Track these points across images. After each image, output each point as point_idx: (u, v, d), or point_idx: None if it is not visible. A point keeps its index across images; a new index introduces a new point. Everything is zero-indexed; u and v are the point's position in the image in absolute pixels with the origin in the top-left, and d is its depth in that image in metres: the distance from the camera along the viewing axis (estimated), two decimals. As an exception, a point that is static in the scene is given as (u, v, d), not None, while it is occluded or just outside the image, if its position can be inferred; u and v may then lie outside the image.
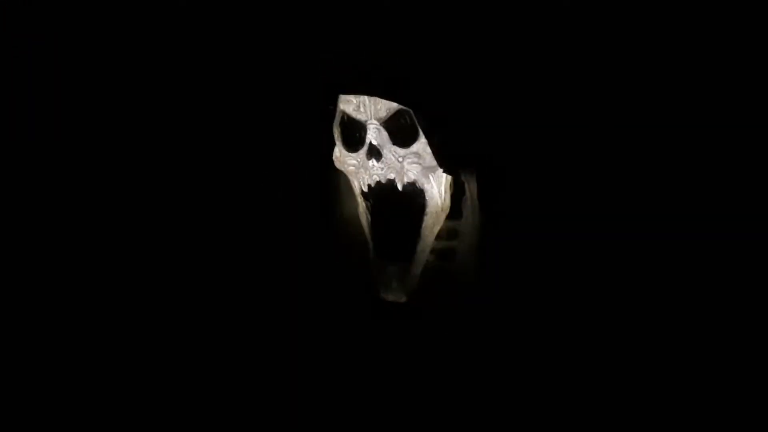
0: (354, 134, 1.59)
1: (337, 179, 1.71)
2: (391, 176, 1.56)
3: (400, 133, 1.55)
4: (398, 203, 1.62)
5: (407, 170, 1.56)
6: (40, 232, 1.53)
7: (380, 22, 1.51)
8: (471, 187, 1.59)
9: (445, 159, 1.53)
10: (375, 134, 1.54)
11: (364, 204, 1.67)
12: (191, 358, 1.60)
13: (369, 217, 1.67)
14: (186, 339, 1.61)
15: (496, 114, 1.51)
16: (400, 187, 1.57)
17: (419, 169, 1.56)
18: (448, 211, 1.62)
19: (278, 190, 1.70)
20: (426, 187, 1.59)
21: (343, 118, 1.60)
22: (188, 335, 1.61)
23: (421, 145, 1.54)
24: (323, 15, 1.54)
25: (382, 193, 1.60)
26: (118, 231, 1.58)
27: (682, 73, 1.47)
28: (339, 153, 1.64)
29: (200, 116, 1.71)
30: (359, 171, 1.60)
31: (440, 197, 1.61)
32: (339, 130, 1.62)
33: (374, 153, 1.54)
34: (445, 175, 1.58)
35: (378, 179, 1.57)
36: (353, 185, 1.67)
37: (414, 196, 1.60)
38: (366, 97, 1.55)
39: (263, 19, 1.63)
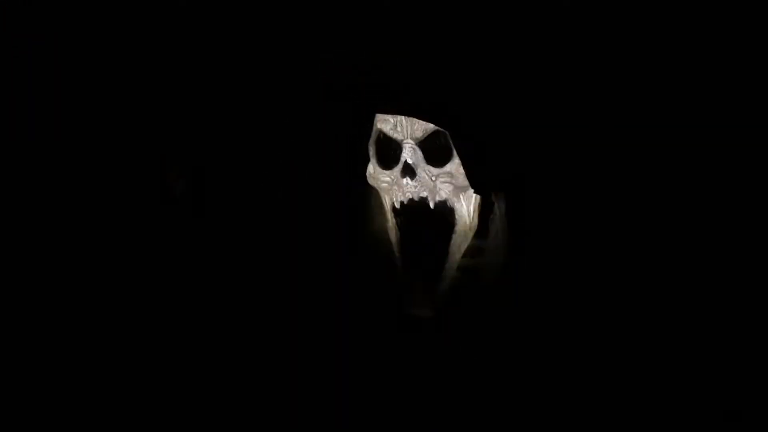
0: (389, 152, 1.65)
1: (369, 195, 1.75)
2: (424, 194, 1.62)
3: (435, 153, 1.60)
4: (429, 221, 1.67)
5: (439, 189, 1.62)
6: (40, 232, 1.52)
7: (420, 46, 1.56)
8: (500, 207, 1.63)
9: (477, 180, 1.58)
10: (410, 153, 1.60)
11: (394, 220, 1.72)
12: (199, 363, 1.61)
13: (398, 233, 1.72)
14: (195, 345, 1.61)
15: (528, 138, 1.56)
16: (432, 206, 1.62)
17: (451, 189, 1.62)
18: (475, 230, 1.67)
19: (311, 203, 1.73)
20: (456, 206, 1.64)
21: (379, 136, 1.66)
22: (196, 341, 1.62)
23: (455, 165, 1.60)
24: (366, 34, 1.59)
25: (414, 211, 1.66)
26: (138, 231, 1.59)
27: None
28: (373, 170, 1.69)
29: (231, 127, 1.75)
30: (392, 188, 1.66)
31: (469, 216, 1.66)
32: (374, 147, 1.68)
33: (409, 171, 1.59)
34: (474, 195, 1.63)
35: (411, 197, 1.62)
36: (384, 201, 1.72)
37: (444, 214, 1.65)
38: (403, 117, 1.60)
39: (302, 33, 1.67)
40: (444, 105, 1.57)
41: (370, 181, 1.71)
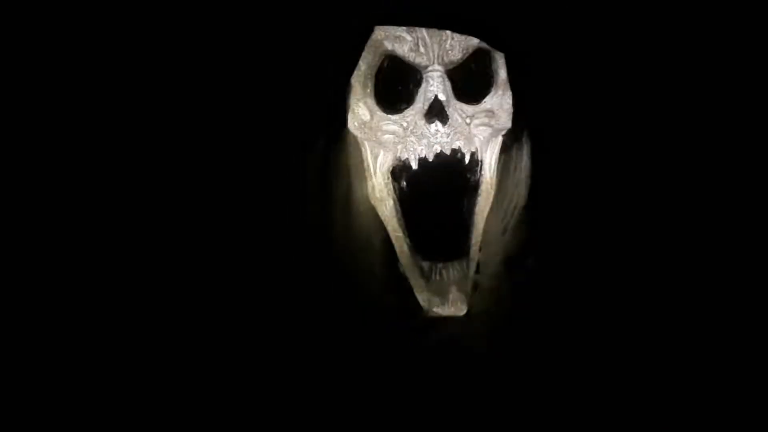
0: (399, 88, 1.09)
1: (342, 158, 1.19)
2: (457, 144, 1.11)
3: (471, 83, 1.10)
4: (450, 182, 1.17)
5: (473, 135, 1.12)
6: (39, 232, 1.28)
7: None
8: (521, 159, 1.21)
9: (520, 117, 1.12)
10: (440, 86, 1.07)
11: (390, 186, 1.18)
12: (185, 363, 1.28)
13: (398, 204, 1.19)
14: (177, 344, 1.28)
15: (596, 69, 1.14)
16: (467, 161, 1.13)
17: (488, 133, 1.14)
18: (495, 189, 1.22)
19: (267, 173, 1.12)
20: (485, 156, 1.17)
21: (383, 64, 1.09)
22: (179, 341, 1.27)
23: (497, 99, 1.12)
24: None
25: (435, 171, 1.14)
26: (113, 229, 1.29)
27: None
28: (369, 116, 1.12)
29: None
30: (406, 140, 1.11)
31: (491, 170, 1.20)
32: (372, 82, 1.10)
33: (439, 113, 1.07)
34: (498, 141, 1.18)
35: (439, 149, 1.10)
36: (373, 163, 1.17)
37: (471, 171, 1.17)
38: (425, 32, 1.06)
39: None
40: (494, 12, 1.05)
41: (359, 133, 1.14)
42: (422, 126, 1.10)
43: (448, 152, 1.12)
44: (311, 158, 1.18)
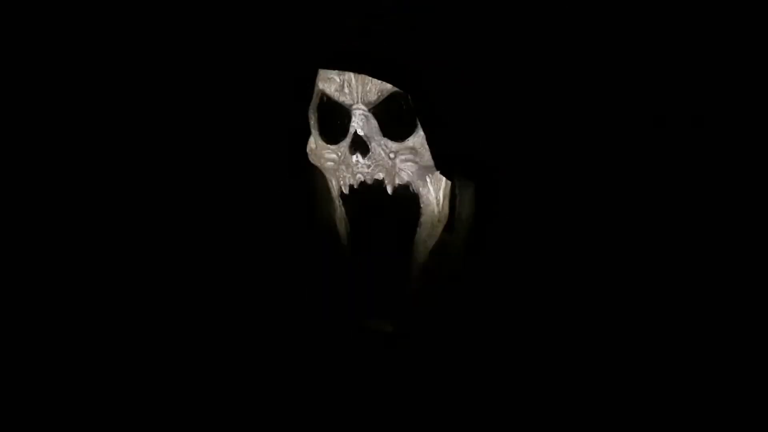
0: (335, 122, 1.27)
1: (312, 177, 1.37)
2: (380, 176, 1.24)
3: (394, 122, 1.23)
4: (386, 210, 1.29)
5: (400, 169, 1.25)
6: (38, 232, 1.41)
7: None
8: (465, 195, 1.28)
9: (445, 159, 1.20)
10: (362, 122, 1.22)
11: (342, 209, 1.33)
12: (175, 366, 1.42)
13: (348, 225, 1.34)
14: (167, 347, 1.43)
15: (513, 109, 1.19)
16: (390, 190, 1.25)
17: (415, 169, 1.25)
18: (445, 222, 1.30)
19: (239, 189, 1.35)
20: (422, 191, 1.27)
21: (322, 100, 1.27)
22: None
23: (419, 139, 1.22)
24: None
25: (368, 197, 1.27)
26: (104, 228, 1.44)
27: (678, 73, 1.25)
28: (315, 145, 1.30)
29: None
30: (339, 168, 1.27)
31: (437, 205, 1.29)
32: (316, 115, 1.28)
33: (360, 146, 1.22)
34: (444, 178, 1.25)
35: (363, 179, 1.24)
36: (331, 185, 1.34)
37: (407, 201, 1.27)
38: (353, 75, 1.21)
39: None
40: (406, 60, 1.16)
41: (312, 159, 1.32)
42: (349, 157, 1.27)
43: (370, 182, 1.26)
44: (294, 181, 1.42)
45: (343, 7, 1.25)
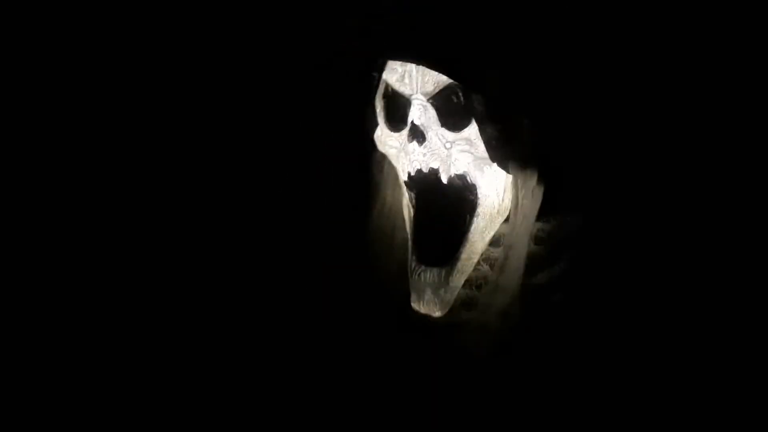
0: (397, 111, 1.32)
1: (381, 163, 1.43)
2: (435, 165, 1.28)
3: (450, 113, 1.26)
4: (444, 198, 1.32)
5: (456, 159, 1.27)
6: (41, 232, 1.48)
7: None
8: (525, 188, 1.29)
9: (498, 153, 1.22)
10: (419, 112, 1.26)
11: (407, 195, 1.39)
12: (197, 359, 1.48)
13: (412, 211, 1.39)
14: (192, 340, 1.48)
15: (567, 105, 1.18)
16: (444, 179, 1.28)
17: (471, 160, 1.27)
18: (505, 215, 1.31)
19: (311, 175, 1.44)
20: (479, 182, 1.29)
21: (386, 90, 1.33)
22: (195, 335, 1.49)
23: (474, 130, 1.24)
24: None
25: (426, 185, 1.32)
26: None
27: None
28: (380, 132, 1.36)
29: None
30: (399, 155, 1.33)
31: (497, 196, 1.30)
32: (382, 104, 1.35)
33: (417, 134, 1.27)
34: (501, 172, 1.27)
35: (419, 167, 1.28)
36: (398, 171, 1.39)
37: (463, 191, 1.31)
38: (413, 66, 1.26)
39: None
40: (461, 50, 1.20)
41: (379, 146, 1.39)
42: (407, 145, 1.33)
43: (426, 170, 1.32)
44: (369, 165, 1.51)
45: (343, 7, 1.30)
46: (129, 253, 1.52)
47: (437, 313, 1.34)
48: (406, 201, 1.41)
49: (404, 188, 1.40)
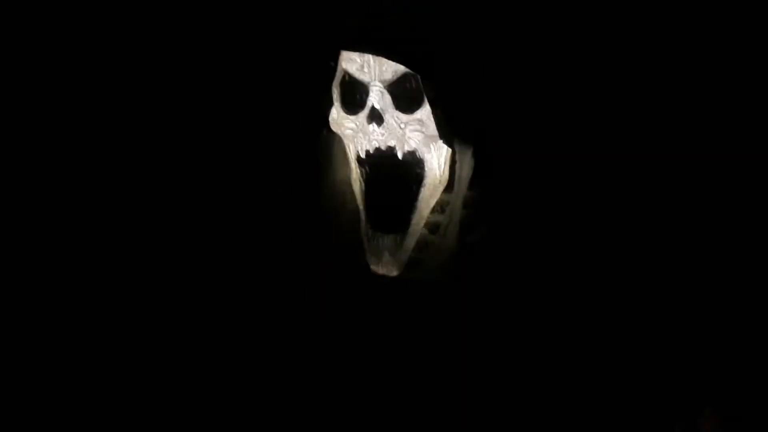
0: (355, 96, 1.50)
1: (332, 142, 1.60)
2: (392, 143, 1.48)
3: (404, 98, 1.46)
4: (396, 172, 1.54)
5: (408, 138, 1.48)
6: (42, 233, 1.50)
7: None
8: (464, 161, 1.51)
9: (446, 130, 1.45)
10: (378, 97, 1.45)
11: (358, 171, 1.58)
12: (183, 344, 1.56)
13: (363, 185, 1.59)
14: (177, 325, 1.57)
15: (505, 89, 1.43)
16: (400, 155, 1.49)
17: (421, 138, 1.48)
18: (445, 184, 1.54)
19: (269, 154, 1.58)
20: (426, 156, 1.51)
21: (344, 77, 1.51)
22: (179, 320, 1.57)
23: (425, 112, 1.46)
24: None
25: (380, 161, 1.52)
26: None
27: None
28: (336, 114, 1.54)
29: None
30: (357, 135, 1.51)
31: (439, 169, 1.53)
32: (339, 90, 1.52)
33: (376, 117, 1.45)
34: (445, 146, 1.50)
35: (377, 145, 1.48)
36: (348, 150, 1.58)
37: (413, 165, 1.52)
38: (371, 56, 1.44)
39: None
40: (416, 44, 1.40)
41: (333, 127, 1.56)
42: (366, 126, 1.51)
43: (383, 148, 1.51)
44: (317, 144, 1.66)
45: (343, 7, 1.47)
46: (112, 250, 1.58)
47: (394, 273, 1.55)
48: (356, 176, 1.60)
49: (355, 165, 1.58)
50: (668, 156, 1.46)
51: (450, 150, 1.52)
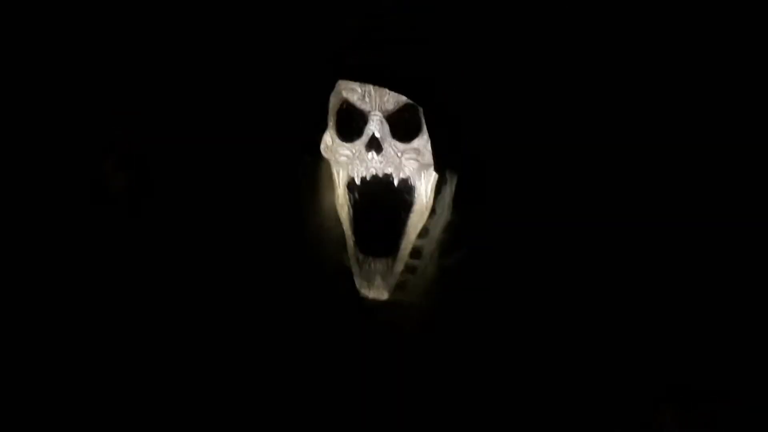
0: (352, 124, 1.54)
1: (316, 168, 1.63)
2: (389, 170, 1.53)
3: (402, 127, 1.53)
4: (388, 198, 1.58)
5: (404, 165, 1.54)
6: (43, 233, 1.49)
7: (401, 14, 1.47)
8: (449, 187, 1.60)
9: (444, 160, 1.52)
10: (378, 126, 1.50)
11: (347, 196, 1.61)
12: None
13: (351, 210, 1.62)
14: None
15: (502, 121, 1.53)
16: (396, 183, 1.54)
17: (416, 166, 1.55)
18: (430, 209, 1.61)
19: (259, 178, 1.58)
20: (417, 184, 1.58)
21: (342, 106, 1.54)
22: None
23: (422, 141, 1.52)
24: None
25: (375, 187, 1.57)
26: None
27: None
28: (331, 142, 1.57)
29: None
30: (353, 162, 1.55)
31: (426, 195, 1.60)
32: (335, 118, 1.55)
33: (375, 145, 1.50)
34: (433, 173, 1.57)
35: (375, 172, 1.53)
36: (336, 176, 1.61)
37: (404, 192, 1.58)
38: (372, 86, 1.49)
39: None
40: (420, 76, 1.47)
41: (325, 153, 1.59)
42: (364, 154, 1.54)
43: (381, 175, 1.55)
44: (301, 170, 1.66)
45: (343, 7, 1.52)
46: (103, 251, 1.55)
47: (385, 296, 1.60)
48: (343, 201, 1.63)
49: (344, 190, 1.62)
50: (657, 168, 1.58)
51: (435, 177, 1.59)
